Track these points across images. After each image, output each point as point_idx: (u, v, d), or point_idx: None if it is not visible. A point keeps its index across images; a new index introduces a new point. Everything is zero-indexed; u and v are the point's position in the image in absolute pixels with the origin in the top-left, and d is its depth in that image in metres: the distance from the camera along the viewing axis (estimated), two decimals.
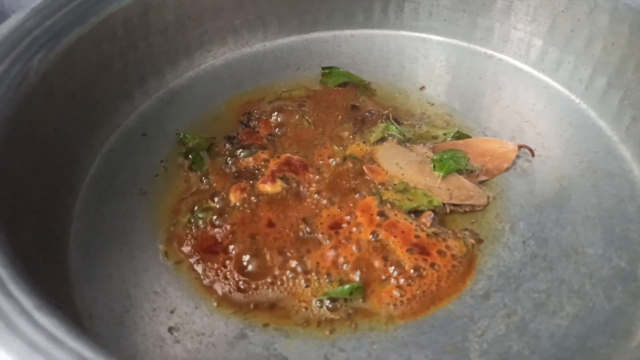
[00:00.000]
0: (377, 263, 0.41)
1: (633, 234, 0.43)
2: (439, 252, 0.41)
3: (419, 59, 0.58)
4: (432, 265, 0.41)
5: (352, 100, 0.54)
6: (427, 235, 0.42)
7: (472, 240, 0.43)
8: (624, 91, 0.49)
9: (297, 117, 0.52)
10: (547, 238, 0.43)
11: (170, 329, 0.38)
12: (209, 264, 0.41)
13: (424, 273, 0.40)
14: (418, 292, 0.39)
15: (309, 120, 0.51)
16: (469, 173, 0.47)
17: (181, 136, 0.50)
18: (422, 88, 0.55)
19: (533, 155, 0.49)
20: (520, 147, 0.49)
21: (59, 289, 0.38)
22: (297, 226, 0.43)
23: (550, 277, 0.41)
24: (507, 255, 0.42)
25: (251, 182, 0.46)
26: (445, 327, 0.38)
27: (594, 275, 0.41)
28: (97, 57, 0.47)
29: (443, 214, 0.44)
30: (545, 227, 0.44)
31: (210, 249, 0.42)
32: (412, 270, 0.40)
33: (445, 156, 0.47)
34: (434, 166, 0.47)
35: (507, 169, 0.48)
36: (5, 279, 0.28)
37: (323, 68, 0.57)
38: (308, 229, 0.43)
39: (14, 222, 0.36)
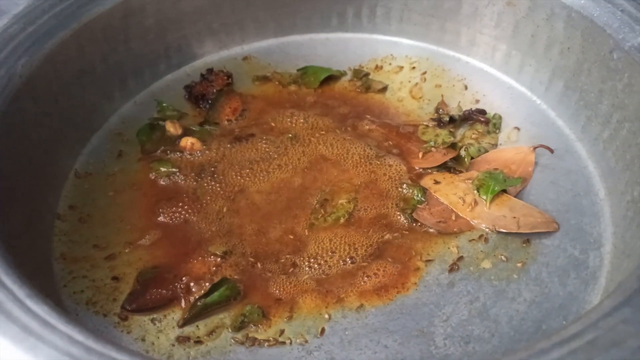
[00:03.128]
0: None
1: (586, 226, 0.46)
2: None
3: (391, 61, 0.61)
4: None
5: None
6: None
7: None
8: (579, 93, 0.52)
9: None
10: (509, 231, 0.46)
11: (153, 320, 0.40)
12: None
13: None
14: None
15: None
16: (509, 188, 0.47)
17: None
18: (384, 89, 0.58)
19: (552, 152, 0.51)
20: (535, 148, 0.51)
21: (46, 285, 0.40)
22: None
23: (510, 266, 0.44)
24: (470, 247, 0.45)
25: None
26: (413, 314, 0.41)
27: (550, 263, 0.44)
28: (78, 61, 0.49)
29: None
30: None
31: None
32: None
33: (482, 177, 0.47)
34: (478, 191, 0.47)
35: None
36: None
37: (298, 70, 0.60)
38: None
39: (1, 219, 0.37)
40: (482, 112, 0.55)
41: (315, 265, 0.43)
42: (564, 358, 0.26)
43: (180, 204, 0.47)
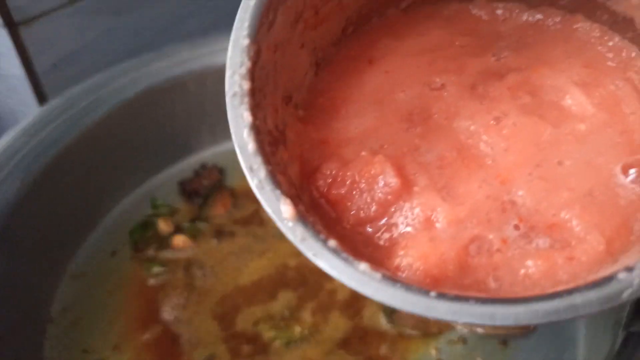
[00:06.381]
0: None
1: (561, 327, 0.48)
2: None
3: None
4: None
5: None
6: None
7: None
8: None
9: None
10: (486, 332, 0.47)
11: None
12: None
13: None
14: None
15: None
16: None
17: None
18: None
19: None
20: None
21: None
22: None
23: None
24: (449, 349, 0.46)
25: None
26: None
27: None
28: (79, 167, 0.52)
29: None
30: None
31: None
32: None
33: None
34: None
35: None
36: None
37: None
38: None
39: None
40: None
41: None
42: None
43: (168, 303, 0.49)
